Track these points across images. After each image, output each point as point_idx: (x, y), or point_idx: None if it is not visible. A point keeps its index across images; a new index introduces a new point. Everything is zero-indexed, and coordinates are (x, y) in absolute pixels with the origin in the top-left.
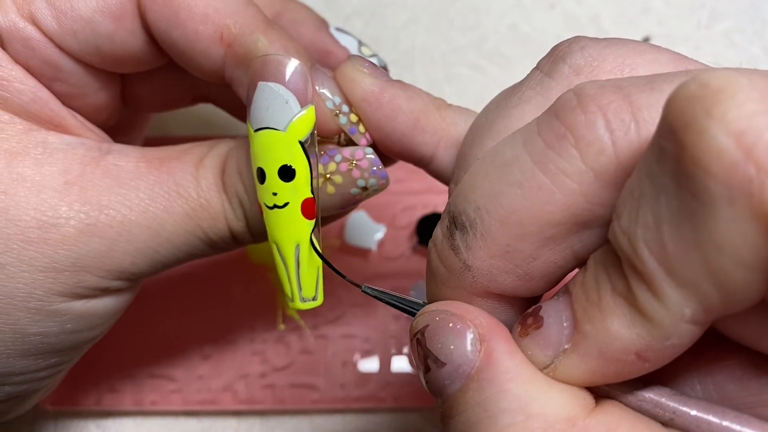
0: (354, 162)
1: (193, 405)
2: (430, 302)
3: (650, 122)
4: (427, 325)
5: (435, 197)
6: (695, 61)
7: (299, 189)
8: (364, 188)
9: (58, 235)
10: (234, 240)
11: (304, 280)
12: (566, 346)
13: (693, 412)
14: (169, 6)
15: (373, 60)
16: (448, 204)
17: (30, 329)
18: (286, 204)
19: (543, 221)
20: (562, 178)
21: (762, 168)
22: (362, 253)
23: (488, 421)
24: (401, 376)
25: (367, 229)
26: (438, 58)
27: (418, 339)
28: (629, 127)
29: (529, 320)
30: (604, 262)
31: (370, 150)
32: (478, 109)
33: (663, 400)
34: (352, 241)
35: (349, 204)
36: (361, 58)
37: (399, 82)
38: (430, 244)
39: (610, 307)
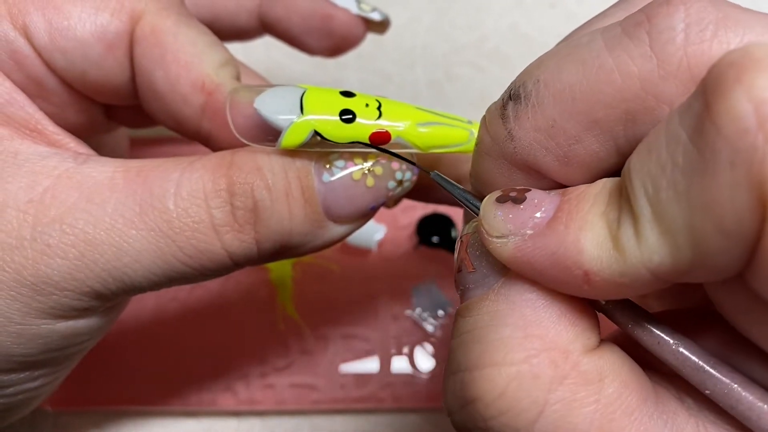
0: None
1: (193, 405)
2: (472, 175)
3: (727, 44)
4: (474, 233)
5: None
6: None
7: (363, 97)
8: (400, 182)
9: (21, 258)
10: (228, 256)
11: (449, 116)
12: (529, 232)
13: (693, 357)
14: (157, 45)
15: (374, 14)
16: (512, 81)
17: (13, 351)
18: (376, 101)
19: (594, 100)
20: (625, 59)
21: None
22: (362, 253)
23: (491, 329)
24: (401, 377)
25: (367, 229)
26: (439, 57)
27: (462, 239)
28: (706, 32)
29: (513, 193)
30: (610, 189)
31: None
32: (479, 108)
33: (665, 336)
34: (353, 241)
35: (380, 200)
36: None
37: None
38: (482, 118)
39: (592, 222)
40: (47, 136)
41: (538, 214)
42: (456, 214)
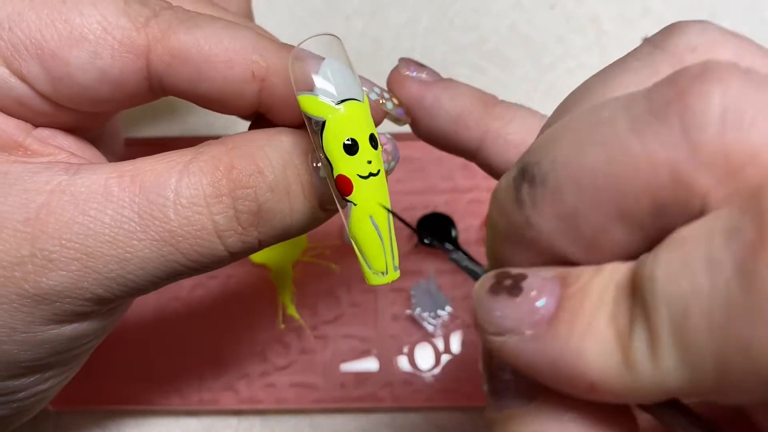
0: (381, 146)
1: (194, 404)
2: (489, 258)
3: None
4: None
5: (435, 197)
6: None
7: (380, 156)
8: (386, 172)
9: (22, 273)
10: (231, 256)
11: (394, 247)
12: (528, 332)
13: None
14: (188, 65)
15: (392, 109)
16: (523, 154)
17: (21, 357)
18: (378, 171)
19: (620, 189)
20: (653, 145)
21: None
22: None
23: None
24: (401, 376)
25: None
26: (438, 58)
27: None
28: (746, 118)
29: (507, 282)
30: (618, 282)
31: (389, 135)
32: None
33: None
34: None
35: None
36: (407, 61)
37: (447, 81)
38: (492, 195)
39: (597, 328)
40: (35, 151)
41: (537, 305)
42: (456, 213)
